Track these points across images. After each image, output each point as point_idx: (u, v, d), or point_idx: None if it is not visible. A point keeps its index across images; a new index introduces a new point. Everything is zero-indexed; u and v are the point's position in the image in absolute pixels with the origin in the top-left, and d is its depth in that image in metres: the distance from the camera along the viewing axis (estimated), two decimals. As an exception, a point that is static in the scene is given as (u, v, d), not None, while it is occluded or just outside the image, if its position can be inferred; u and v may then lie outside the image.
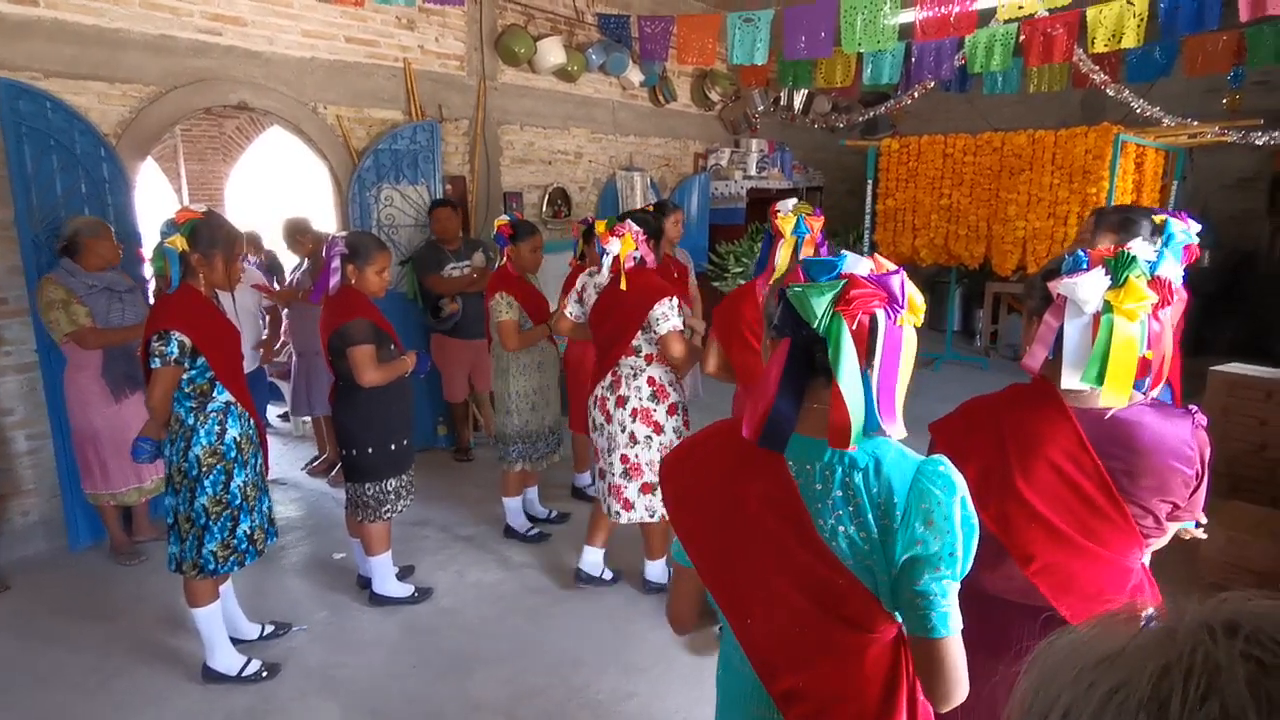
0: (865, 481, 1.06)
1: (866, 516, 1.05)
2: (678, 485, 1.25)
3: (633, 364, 3.05)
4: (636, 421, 3.05)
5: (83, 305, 3.39)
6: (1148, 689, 0.39)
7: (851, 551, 1.07)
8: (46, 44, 3.58)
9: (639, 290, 2.94)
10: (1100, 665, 0.42)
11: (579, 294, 3.20)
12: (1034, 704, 0.44)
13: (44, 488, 3.82)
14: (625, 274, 2.96)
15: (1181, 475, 1.35)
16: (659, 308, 2.91)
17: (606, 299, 3.04)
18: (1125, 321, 1.29)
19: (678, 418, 3.12)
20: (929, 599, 1.03)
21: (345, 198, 4.87)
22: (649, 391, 3.05)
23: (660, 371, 3.07)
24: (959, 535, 1.03)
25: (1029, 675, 0.46)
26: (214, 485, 2.62)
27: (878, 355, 1.04)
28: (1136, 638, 0.43)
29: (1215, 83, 6.60)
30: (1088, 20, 4.66)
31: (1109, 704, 0.40)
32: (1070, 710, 0.42)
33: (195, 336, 2.51)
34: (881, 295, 1.04)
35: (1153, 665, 0.40)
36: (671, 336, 2.91)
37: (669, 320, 2.92)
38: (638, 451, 3.08)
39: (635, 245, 2.99)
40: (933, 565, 1.03)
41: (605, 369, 3.10)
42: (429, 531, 4.03)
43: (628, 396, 3.05)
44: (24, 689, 2.77)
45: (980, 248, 5.74)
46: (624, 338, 3.01)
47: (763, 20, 5.19)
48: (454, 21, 5.28)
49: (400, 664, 2.92)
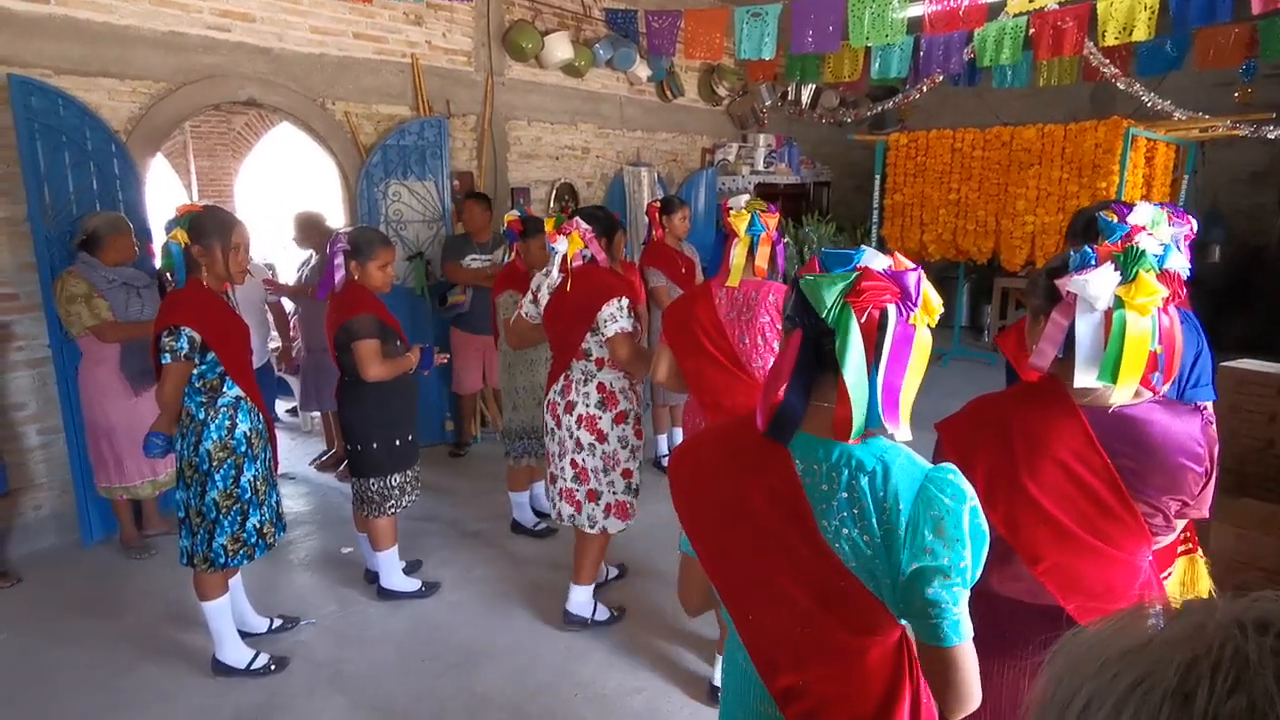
0: (871, 485, 1.05)
1: (870, 520, 1.04)
2: (683, 477, 1.25)
3: (584, 368, 2.92)
4: (581, 428, 2.93)
5: (103, 299, 3.43)
6: (1174, 680, 0.39)
7: (854, 554, 1.06)
8: (57, 41, 3.60)
9: (587, 290, 2.80)
10: (1126, 657, 0.42)
11: (534, 294, 3.05)
12: (1056, 694, 0.44)
13: (56, 482, 3.86)
14: (572, 273, 2.83)
15: (1191, 473, 1.34)
16: (607, 308, 2.76)
17: (556, 300, 2.90)
18: (1137, 317, 1.27)
19: (625, 426, 2.96)
20: (940, 607, 1.02)
21: (353, 193, 4.89)
22: (597, 398, 2.92)
23: (612, 377, 2.92)
24: (969, 544, 1.02)
25: (1051, 666, 0.46)
26: (224, 479, 2.64)
27: (885, 351, 1.04)
28: (1164, 632, 0.42)
29: (1227, 76, 6.54)
30: (1098, 13, 4.62)
31: (1133, 694, 0.40)
32: (1093, 700, 0.41)
33: (205, 332, 2.53)
34: (894, 290, 1.03)
35: (1180, 658, 0.40)
36: (618, 339, 2.76)
37: (617, 322, 2.76)
38: (584, 458, 2.96)
39: (584, 243, 2.86)
40: (943, 574, 1.01)
41: (558, 373, 2.98)
42: (436, 526, 4.05)
43: (575, 402, 2.93)
44: (35, 683, 2.80)
45: (989, 243, 5.71)
46: (572, 340, 2.88)
47: (770, 14, 5.17)
48: (461, 17, 5.29)
49: (407, 658, 2.94)
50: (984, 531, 1.04)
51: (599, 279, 2.84)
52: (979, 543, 1.03)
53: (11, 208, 3.58)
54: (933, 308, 1.06)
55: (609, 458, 2.95)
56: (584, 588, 3.11)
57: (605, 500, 3.00)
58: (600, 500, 3.00)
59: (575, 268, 2.85)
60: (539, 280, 3.03)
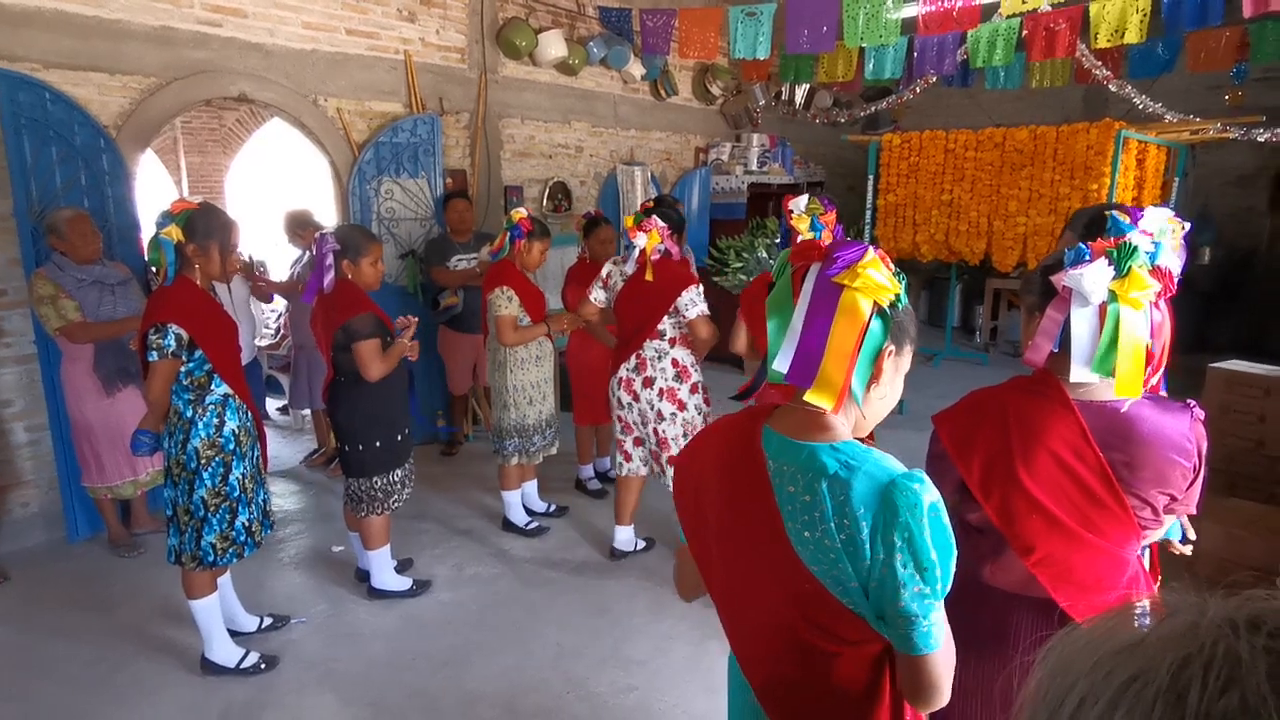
0: (831, 490, 1.02)
1: (829, 526, 1.01)
2: (681, 473, 1.27)
3: (657, 347, 3.30)
4: (663, 400, 3.30)
5: (71, 300, 3.37)
6: (1166, 679, 0.39)
7: (817, 559, 1.03)
8: (46, 34, 3.57)
9: (667, 280, 3.20)
10: (1119, 655, 0.42)
11: (604, 280, 3.44)
12: (1049, 691, 0.44)
13: (43, 480, 3.83)
14: (651, 265, 3.20)
15: (1180, 468, 1.37)
16: (687, 294, 3.18)
17: (631, 288, 3.28)
18: (1131, 310, 1.30)
19: (699, 395, 3.37)
20: (910, 619, 0.99)
21: (345, 190, 4.86)
22: (673, 373, 3.30)
23: (683, 354, 3.33)
24: (935, 553, 0.98)
25: (1044, 664, 0.46)
26: (212, 477, 2.62)
27: (804, 303, 1.06)
28: (1157, 630, 0.43)
29: (1218, 79, 6.59)
30: (1090, 15, 4.64)
31: (1126, 692, 0.40)
32: (1086, 698, 0.41)
33: (192, 329, 2.51)
34: (820, 252, 1.07)
35: (1173, 656, 0.40)
36: (700, 320, 3.18)
37: (697, 305, 3.18)
38: (664, 427, 3.32)
39: (661, 239, 3.21)
40: (912, 585, 0.98)
41: (630, 352, 3.33)
42: (427, 525, 4.03)
43: (654, 378, 3.30)
44: (23, 680, 2.77)
45: (981, 244, 5.72)
46: (651, 323, 3.25)
47: (765, 14, 5.17)
48: (455, 14, 5.27)
49: (399, 657, 2.92)
50: (951, 540, 1.00)
51: (675, 270, 3.24)
52: (945, 552, 0.99)
53: (-2, 203, 3.54)
54: (869, 280, 1.03)
55: (689, 424, 3.33)
56: (627, 527, 3.63)
57: None
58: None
59: (654, 260, 3.21)
60: (609, 269, 3.44)
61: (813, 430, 1.08)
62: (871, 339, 1.05)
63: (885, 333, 1.06)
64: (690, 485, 1.24)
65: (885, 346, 1.07)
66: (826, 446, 1.06)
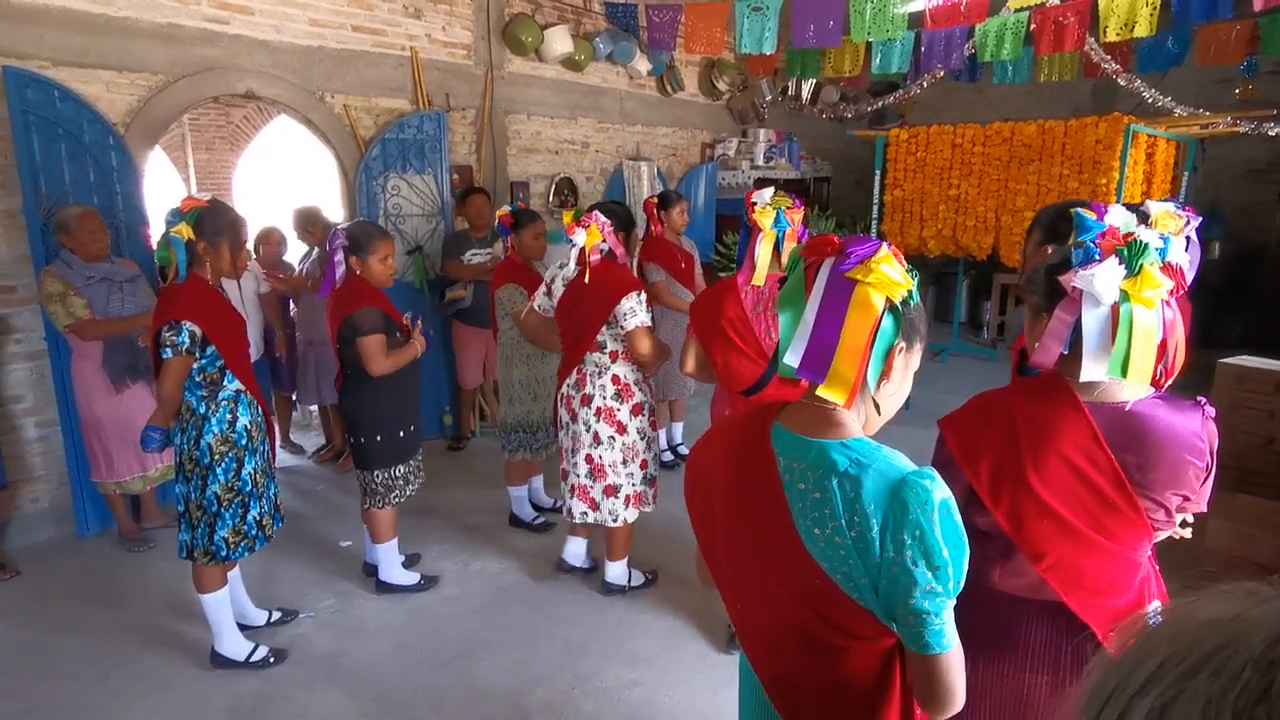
0: (841, 487, 1.02)
1: (840, 523, 1.01)
2: (692, 469, 1.27)
3: (598, 361, 2.95)
4: (600, 421, 2.95)
5: (80, 297, 3.39)
6: (1260, 647, 0.38)
7: (827, 556, 1.03)
8: (55, 32, 3.58)
9: (605, 284, 2.82)
10: (1207, 626, 0.41)
11: (548, 286, 3.05)
12: (1126, 657, 0.43)
13: (53, 475, 3.85)
14: (590, 267, 2.84)
15: (1193, 468, 1.34)
16: (626, 302, 2.79)
17: (572, 293, 2.91)
18: (1144, 310, 1.27)
19: (643, 418, 3.02)
20: (922, 617, 0.99)
21: (352, 187, 4.87)
22: (613, 390, 2.95)
23: (626, 370, 2.97)
24: (947, 550, 0.98)
25: (1122, 636, 0.45)
26: (226, 472, 2.64)
27: (817, 296, 1.05)
28: (1250, 612, 0.42)
29: (1228, 73, 6.53)
30: (1099, 9, 4.61)
31: (1213, 658, 0.39)
32: (1168, 660, 0.41)
33: (205, 326, 2.52)
34: (833, 247, 1.06)
35: (1269, 631, 0.39)
36: (638, 332, 2.81)
37: (636, 315, 2.80)
38: (601, 452, 2.99)
39: (602, 237, 2.85)
40: (924, 583, 0.97)
41: (570, 366, 3.00)
42: (435, 520, 4.04)
43: (592, 395, 2.95)
44: (33, 674, 2.79)
45: (988, 239, 5.69)
46: (588, 333, 2.89)
47: (771, 9, 5.15)
48: (461, 10, 5.27)
49: (406, 651, 2.94)
50: (963, 538, 1.00)
51: (617, 273, 2.87)
52: (958, 550, 0.99)
53: (7, 200, 3.57)
54: (883, 275, 1.02)
55: (629, 449, 3.00)
56: (619, 562, 3.24)
57: (625, 493, 3.05)
58: (620, 494, 3.05)
59: (593, 262, 2.85)
60: (553, 272, 3.04)
61: (823, 427, 1.08)
62: (884, 336, 1.04)
63: (897, 329, 1.06)
64: (699, 481, 1.24)
65: (897, 343, 1.06)
66: (837, 444, 1.05)
